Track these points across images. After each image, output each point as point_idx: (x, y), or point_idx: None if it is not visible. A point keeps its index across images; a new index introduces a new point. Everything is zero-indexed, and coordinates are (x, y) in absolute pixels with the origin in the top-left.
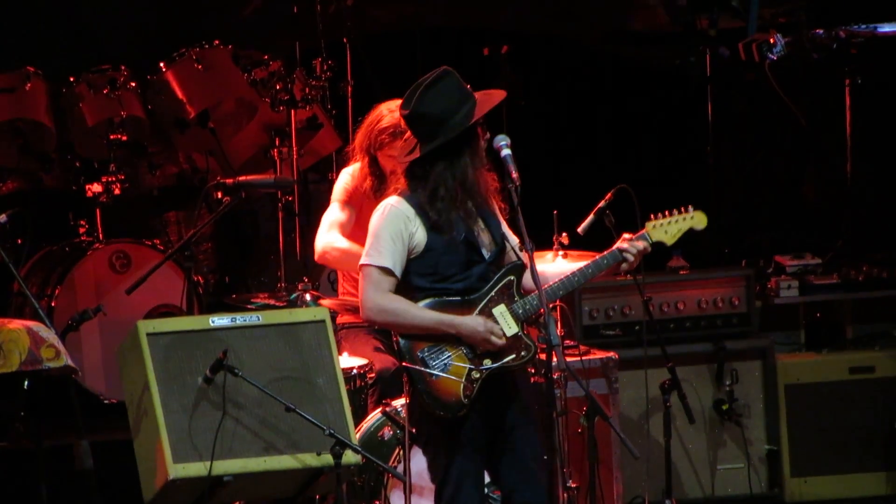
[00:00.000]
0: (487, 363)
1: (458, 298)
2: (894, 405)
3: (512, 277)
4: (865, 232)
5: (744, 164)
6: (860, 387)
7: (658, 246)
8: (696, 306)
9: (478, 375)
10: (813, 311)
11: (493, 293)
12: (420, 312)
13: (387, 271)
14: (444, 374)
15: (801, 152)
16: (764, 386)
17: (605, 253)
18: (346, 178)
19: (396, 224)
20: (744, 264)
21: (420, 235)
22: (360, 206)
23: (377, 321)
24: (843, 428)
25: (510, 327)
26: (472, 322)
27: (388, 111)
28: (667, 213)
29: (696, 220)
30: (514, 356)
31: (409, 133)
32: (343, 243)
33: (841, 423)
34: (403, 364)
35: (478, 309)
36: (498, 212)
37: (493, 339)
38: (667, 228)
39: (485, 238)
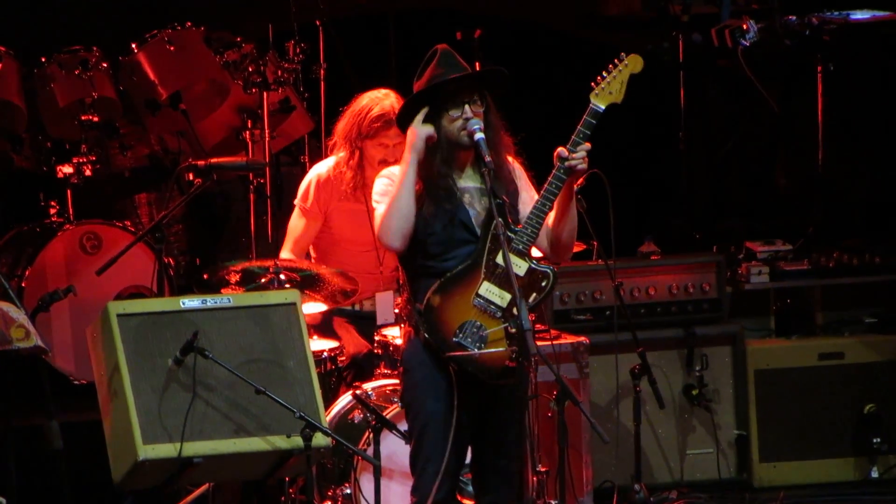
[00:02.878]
0: (516, 311)
1: (459, 271)
2: (863, 391)
3: (494, 221)
4: (836, 219)
5: (715, 150)
6: (829, 373)
7: (613, 107)
8: (666, 292)
9: (514, 329)
10: (783, 297)
11: (486, 247)
12: (393, 189)
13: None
14: (486, 347)
15: (773, 138)
16: (734, 371)
17: (553, 172)
18: (312, 182)
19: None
20: (715, 250)
21: None
22: (327, 212)
23: (384, 232)
24: (811, 413)
25: (520, 267)
26: (412, 135)
27: (376, 100)
28: (602, 74)
29: (632, 64)
30: (538, 290)
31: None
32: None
33: (810, 408)
34: (447, 356)
35: (482, 270)
36: (521, 182)
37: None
38: (610, 88)
39: (485, 215)
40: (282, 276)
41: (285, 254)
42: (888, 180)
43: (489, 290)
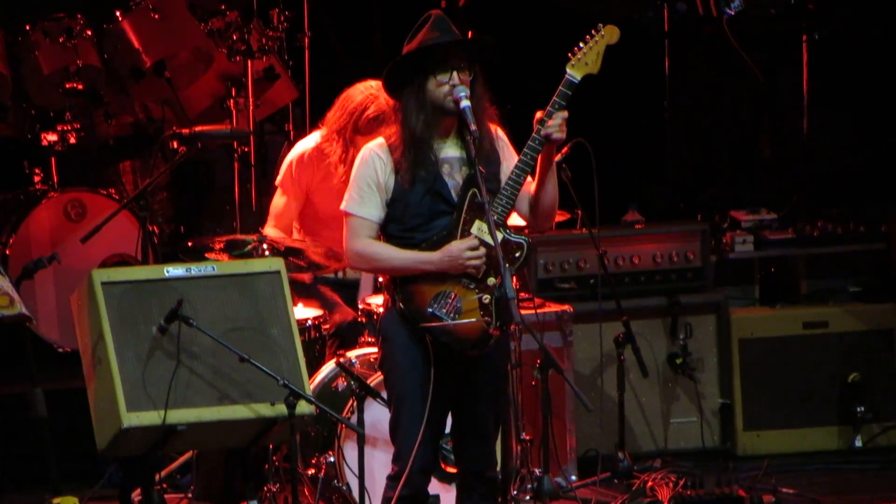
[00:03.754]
0: (492, 281)
1: (435, 240)
2: (847, 360)
3: (473, 190)
4: (821, 187)
5: (700, 119)
6: (814, 342)
7: (588, 78)
8: (650, 260)
9: (488, 299)
10: (767, 265)
11: (462, 217)
12: (396, 254)
13: (362, 219)
14: (460, 318)
15: (758, 108)
16: (718, 340)
17: (531, 137)
18: (294, 162)
19: (369, 170)
20: (699, 219)
21: (389, 184)
22: (308, 191)
23: (358, 267)
24: (795, 382)
25: (492, 237)
26: (444, 253)
27: (371, 97)
28: (578, 45)
29: (609, 35)
30: (510, 260)
31: None
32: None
33: (794, 377)
34: (422, 326)
35: (458, 234)
36: (505, 152)
37: (471, 261)
38: (586, 60)
39: (462, 184)
40: (264, 247)
41: (269, 230)
42: (873, 149)
43: None
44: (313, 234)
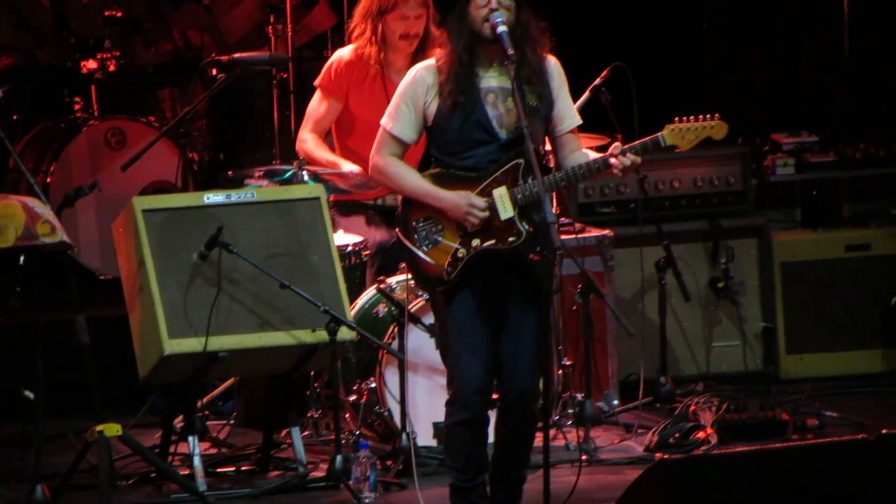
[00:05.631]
0: (476, 243)
1: (464, 174)
2: (889, 282)
3: (520, 161)
4: (862, 109)
5: (740, 41)
6: (856, 264)
7: (671, 148)
8: (691, 184)
9: (462, 254)
10: (809, 188)
11: (498, 174)
12: (410, 179)
13: (391, 135)
14: (431, 250)
15: (799, 28)
16: (759, 264)
17: (598, 157)
18: (334, 64)
19: (414, 91)
20: (740, 142)
21: (432, 107)
22: (346, 94)
23: (375, 178)
24: (838, 305)
25: (506, 210)
26: (454, 197)
27: None
28: (689, 118)
29: (717, 129)
30: (503, 240)
31: None
32: (309, 145)
33: (836, 300)
34: (396, 231)
35: (480, 187)
36: (559, 90)
37: (471, 217)
38: (684, 134)
39: (508, 118)
40: (304, 174)
41: (305, 134)
42: None
43: None
44: (348, 139)
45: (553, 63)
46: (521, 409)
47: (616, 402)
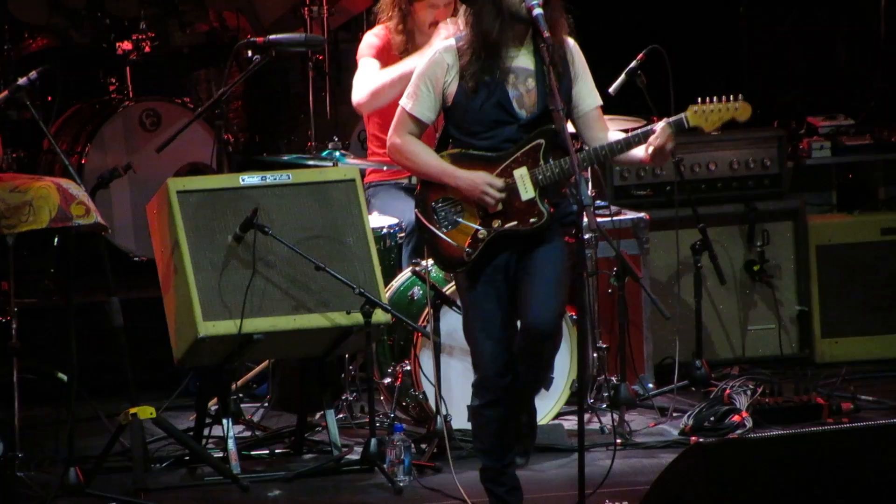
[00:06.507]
0: (497, 224)
1: (483, 154)
2: None
3: (541, 141)
4: None
5: (776, 24)
6: (892, 248)
7: (694, 129)
8: (727, 167)
9: (483, 235)
10: (845, 171)
11: (518, 154)
12: (428, 158)
13: (410, 115)
14: (451, 231)
15: (835, 11)
16: (795, 247)
17: (637, 130)
18: (370, 39)
19: (434, 71)
20: (776, 125)
21: (452, 88)
22: (387, 64)
23: (392, 158)
24: (874, 289)
25: (527, 191)
26: (471, 176)
27: None
28: (713, 99)
29: (741, 111)
30: (524, 221)
31: None
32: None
33: (872, 284)
34: (416, 212)
35: (500, 168)
36: (580, 70)
37: (487, 197)
38: (708, 116)
39: (528, 99)
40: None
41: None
42: None
43: None
44: (384, 118)
45: (572, 44)
46: (534, 344)
47: (651, 385)
